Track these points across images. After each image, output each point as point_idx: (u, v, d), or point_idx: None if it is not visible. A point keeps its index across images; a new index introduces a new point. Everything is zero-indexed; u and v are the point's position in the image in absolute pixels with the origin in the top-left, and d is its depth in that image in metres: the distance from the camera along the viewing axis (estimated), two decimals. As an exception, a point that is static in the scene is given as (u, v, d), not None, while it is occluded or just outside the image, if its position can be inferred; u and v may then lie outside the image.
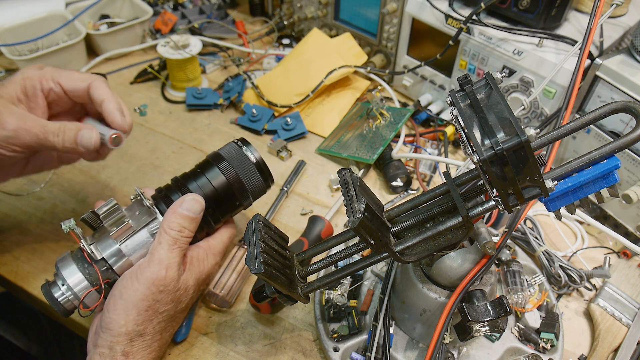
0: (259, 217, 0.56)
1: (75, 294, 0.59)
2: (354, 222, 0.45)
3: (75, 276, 0.59)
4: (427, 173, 0.92)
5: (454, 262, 0.56)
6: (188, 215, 0.61)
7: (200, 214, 0.63)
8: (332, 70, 1.01)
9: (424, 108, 1.01)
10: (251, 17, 1.33)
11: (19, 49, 1.08)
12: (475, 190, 0.50)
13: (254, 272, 0.50)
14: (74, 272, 0.59)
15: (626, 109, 0.43)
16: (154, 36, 1.21)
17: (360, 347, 0.64)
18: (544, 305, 0.70)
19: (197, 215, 0.62)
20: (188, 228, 0.61)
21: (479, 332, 0.54)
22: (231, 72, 1.16)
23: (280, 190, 0.87)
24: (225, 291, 0.68)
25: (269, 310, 0.68)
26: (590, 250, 0.81)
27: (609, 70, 0.74)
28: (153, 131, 1.00)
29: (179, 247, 0.60)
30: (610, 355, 0.67)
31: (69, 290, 0.59)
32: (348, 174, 0.51)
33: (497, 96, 0.43)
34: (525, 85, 0.84)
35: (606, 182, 0.45)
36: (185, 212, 0.61)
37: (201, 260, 0.64)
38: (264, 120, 1.00)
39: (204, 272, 0.64)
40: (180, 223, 0.60)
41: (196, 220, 0.62)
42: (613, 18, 0.90)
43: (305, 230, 0.78)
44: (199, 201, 0.63)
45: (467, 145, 0.43)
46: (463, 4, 0.91)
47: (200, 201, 0.63)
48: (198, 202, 0.63)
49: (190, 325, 0.69)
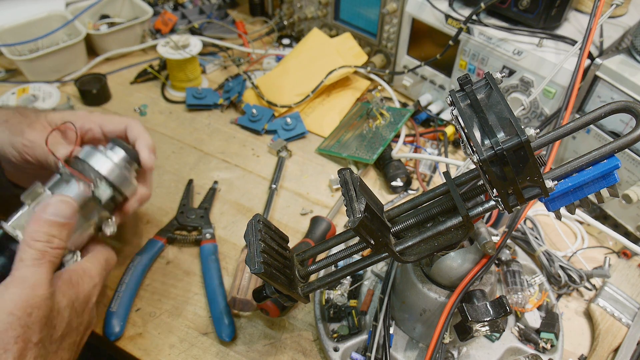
0: (259, 217, 0.56)
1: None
2: (354, 222, 0.45)
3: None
4: (427, 173, 0.92)
5: (454, 262, 0.56)
6: (56, 221, 0.52)
7: (73, 218, 0.54)
8: (332, 70, 1.01)
9: (424, 108, 1.01)
10: (251, 17, 1.33)
11: (19, 49, 1.08)
12: (475, 190, 0.50)
13: (254, 272, 0.50)
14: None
15: (626, 109, 0.43)
16: (154, 36, 1.21)
17: (360, 347, 0.64)
18: (544, 305, 0.70)
19: (68, 219, 0.53)
20: (58, 237, 0.51)
21: (479, 332, 0.54)
22: (231, 72, 1.16)
23: (269, 189, 0.88)
24: (242, 294, 0.68)
25: (277, 313, 0.68)
26: (590, 250, 0.81)
27: (609, 70, 0.74)
28: (153, 131, 1.00)
29: (48, 260, 0.50)
30: (610, 355, 0.67)
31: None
32: (348, 174, 0.51)
33: (497, 96, 0.43)
34: (525, 85, 0.84)
35: (606, 182, 0.45)
36: (52, 218, 0.52)
37: (74, 282, 0.54)
38: (264, 120, 1.00)
39: (81, 294, 0.54)
40: (47, 232, 0.51)
41: (68, 225, 0.53)
42: (613, 18, 0.90)
43: (309, 231, 0.77)
44: (69, 202, 0.53)
45: (467, 145, 0.43)
46: (463, 4, 0.91)
47: (71, 202, 0.54)
48: (68, 204, 0.53)
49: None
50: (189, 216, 0.82)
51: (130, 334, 0.68)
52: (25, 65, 1.05)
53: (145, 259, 0.74)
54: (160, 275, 0.75)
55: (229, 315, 0.68)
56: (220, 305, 0.69)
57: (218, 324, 0.68)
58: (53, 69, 1.08)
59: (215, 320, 0.68)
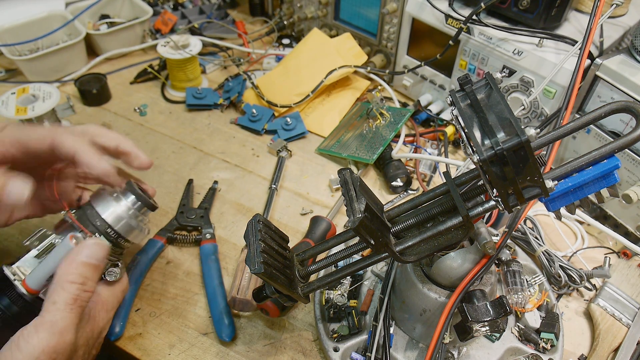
0: (259, 217, 0.56)
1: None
2: (354, 222, 0.45)
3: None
4: (427, 173, 0.92)
5: (454, 262, 0.56)
6: (91, 264, 0.51)
7: (105, 261, 0.53)
8: (332, 70, 1.01)
9: (424, 108, 1.01)
10: (251, 17, 1.33)
11: (19, 49, 1.08)
12: (475, 190, 0.50)
13: (254, 272, 0.50)
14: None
15: (626, 109, 0.43)
16: (154, 36, 1.21)
17: (360, 347, 0.64)
18: (544, 305, 0.70)
19: (101, 262, 0.52)
20: (91, 279, 0.51)
21: (479, 332, 0.54)
22: (231, 72, 1.16)
23: (269, 189, 0.88)
24: (242, 294, 0.68)
25: (277, 313, 0.68)
26: (590, 250, 0.81)
27: (609, 70, 0.74)
28: (153, 131, 1.00)
29: (79, 305, 0.50)
30: (610, 355, 0.67)
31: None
32: (348, 174, 0.51)
33: (497, 96, 0.43)
34: (525, 85, 0.84)
35: (606, 182, 0.45)
36: (87, 260, 0.51)
37: (93, 317, 0.53)
38: (264, 120, 1.00)
39: (96, 330, 0.54)
40: (82, 274, 0.50)
41: (100, 268, 0.52)
42: (613, 18, 0.90)
43: (309, 231, 0.77)
44: (103, 244, 0.53)
45: (467, 145, 0.43)
46: (463, 4, 0.91)
47: (105, 244, 0.53)
48: (102, 246, 0.52)
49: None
50: (189, 216, 0.82)
51: (130, 334, 0.68)
52: (25, 65, 1.05)
53: (145, 259, 0.74)
54: (160, 275, 0.75)
55: (229, 315, 0.68)
56: (220, 305, 0.69)
57: (218, 324, 0.68)
58: (53, 69, 1.08)
59: (215, 320, 0.68)
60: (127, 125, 1.01)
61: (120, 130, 0.99)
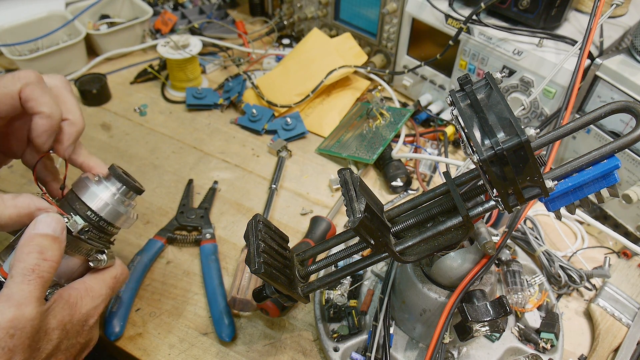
0: (259, 216, 0.56)
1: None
2: (354, 222, 0.45)
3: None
4: (427, 173, 0.92)
5: (454, 262, 0.56)
6: (47, 234, 0.48)
7: (63, 234, 0.50)
8: (332, 70, 1.01)
9: (424, 108, 1.01)
10: (251, 17, 1.33)
11: (19, 49, 1.08)
12: (475, 190, 0.50)
13: (254, 272, 0.50)
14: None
15: (626, 109, 0.43)
16: (154, 36, 1.21)
17: (360, 347, 0.64)
18: (544, 305, 0.70)
19: (58, 234, 0.50)
20: (50, 249, 0.48)
21: (479, 332, 0.54)
22: (231, 72, 1.16)
23: (269, 189, 0.88)
24: (242, 294, 0.68)
25: (277, 313, 0.68)
26: (590, 250, 0.81)
27: (609, 70, 0.74)
28: (153, 131, 1.00)
29: (39, 276, 0.46)
30: (610, 355, 0.67)
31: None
32: (348, 174, 0.51)
33: (497, 96, 0.43)
34: (525, 85, 0.84)
35: (606, 182, 0.45)
36: (42, 231, 0.48)
37: (72, 303, 0.51)
38: (264, 120, 1.00)
39: (76, 316, 0.51)
40: (39, 243, 0.47)
41: (59, 240, 0.50)
42: (613, 18, 0.90)
43: (309, 231, 0.77)
44: (57, 218, 0.50)
45: (467, 145, 0.43)
46: (463, 4, 0.91)
47: (58, 218, 0.50)
48: (55, 219, 0.50)
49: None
50: (188, 216, 0.82)
51: (130, 334, 0.68)
52: (25, 65, 1.04)
53: (145, 259, 0.74)
54: (160, 275, 0.75)
55: (229, 315, 0.68)
56: (220, 305, 0.69)
57: (218, 324, 0.68)
58: (53, 69, 1.08)
59: (215, 320, 0.68)
60: (127, 125, 1.01)
61: (120, 130, 0.99)
